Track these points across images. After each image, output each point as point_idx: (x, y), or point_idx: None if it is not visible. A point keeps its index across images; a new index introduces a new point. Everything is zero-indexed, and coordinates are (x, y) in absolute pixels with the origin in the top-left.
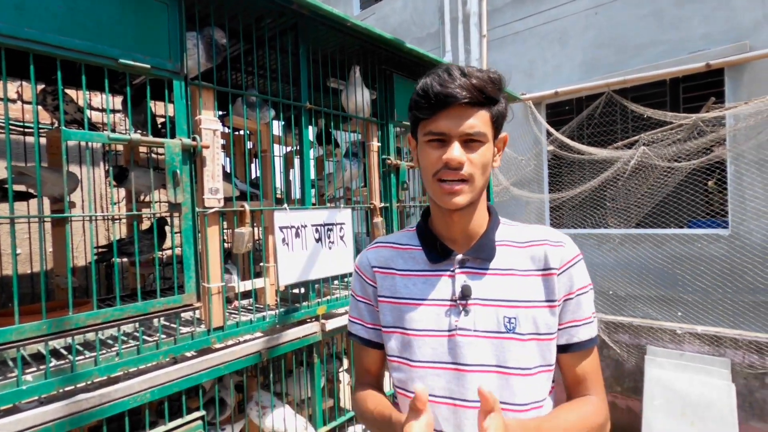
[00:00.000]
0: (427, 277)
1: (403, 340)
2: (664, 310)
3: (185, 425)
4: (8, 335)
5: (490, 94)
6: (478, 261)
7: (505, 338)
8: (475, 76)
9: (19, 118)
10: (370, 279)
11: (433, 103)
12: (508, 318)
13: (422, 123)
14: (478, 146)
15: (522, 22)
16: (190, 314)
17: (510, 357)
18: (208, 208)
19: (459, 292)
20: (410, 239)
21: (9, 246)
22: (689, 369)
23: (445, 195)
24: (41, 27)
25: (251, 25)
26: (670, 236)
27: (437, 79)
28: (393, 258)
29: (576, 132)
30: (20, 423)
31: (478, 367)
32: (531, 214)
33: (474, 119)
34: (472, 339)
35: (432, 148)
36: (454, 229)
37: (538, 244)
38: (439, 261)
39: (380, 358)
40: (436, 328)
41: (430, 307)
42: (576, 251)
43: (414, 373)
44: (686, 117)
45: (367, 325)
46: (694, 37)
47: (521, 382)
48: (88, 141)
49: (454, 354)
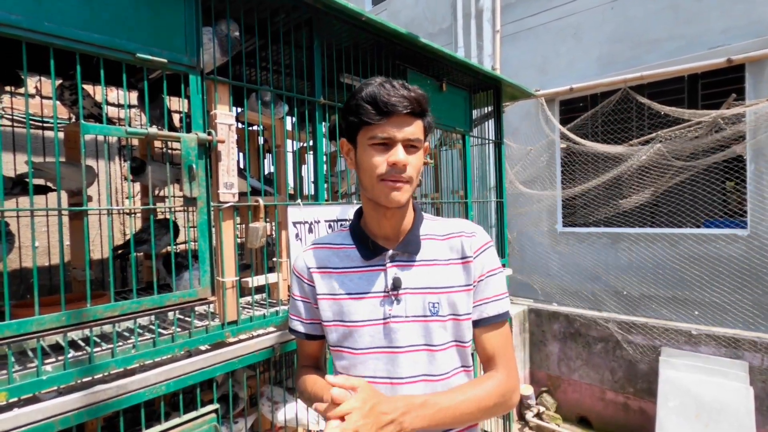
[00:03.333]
0: (362, 272)
1: (344, 332)
2: (679, 312)
3: (199, 418)
4: (29, 326)
5: (424, 106)
6: (407, 255)
7: (430, 321)
8: (414, 90)
9: (38, 113)
10: (307, 279)
11: (382, 110)
12: (432, 303)
13: (366, 128)
14: (415, 151)
15: (535, 17)
16: (204, 308)
17: (434, 336)
18: (223, 202)
19: (391, 284)
20: (344, 239)
21: (28, 239)
22: (705, 371)
23: (389, 192)
24: (61, 21)
25: (266, 20)
26: (686, 236)
27: (383, 89)
28: (329, 257)
29: (590, 129)
30: (40, 412)
31: (410, 347)
32: (543, 212)
33: (413, 127)
34: (403, 324)
35: (377, 152)
36: (386, 227)
37: (456, 235)
38: (372, 257)
39: (318, 346)
40: (373, 317)
41: (367, 300)
42: (486, 239)
43: (356, 360)
44: (705, 114)
45: (305, 321)
46: (714, 32)
47: (441, 355)
48: (106, 135)
49: (389, 339)
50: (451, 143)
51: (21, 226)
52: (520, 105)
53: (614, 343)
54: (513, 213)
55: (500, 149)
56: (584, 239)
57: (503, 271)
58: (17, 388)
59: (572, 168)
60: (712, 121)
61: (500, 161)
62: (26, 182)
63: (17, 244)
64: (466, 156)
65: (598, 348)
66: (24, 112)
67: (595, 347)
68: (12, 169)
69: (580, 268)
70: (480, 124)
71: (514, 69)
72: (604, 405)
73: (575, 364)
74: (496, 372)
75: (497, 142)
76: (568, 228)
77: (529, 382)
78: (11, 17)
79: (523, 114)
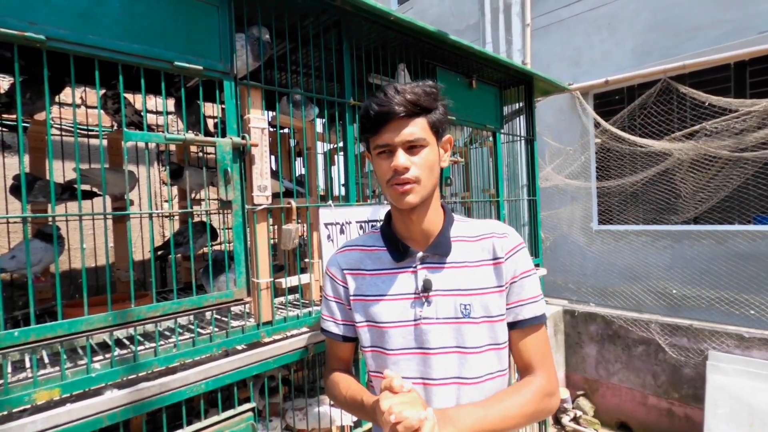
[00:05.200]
0: (393, 274)
1: (376, 332)
2: (727, 313)
3: (237, 416)
4: (79, 325)
5: (425, 104)
6: (437, 257)
7: (462, 323)
8: (409, 91)
9: (83, 122)
10: (341, 280)
11: (376, 120)
12: (464, 305)
13: (371, 139)
14: (420, 150)
15: (567, 9)
16: (240, 308)
17: (467, 338)
18: (257, 205)
19: (421, 285)
20: (375, 241)
21: (76, 241)
22: (759, 377)
23: (399, 196)
24: (104, 33)
25: (296, 24)
26: (734, 233)
27: (376, 100)
28: (362, 259)
29: (628, 122)
30: (90, 408)
31: (441, 349)
32: (577, 209)
33: (411, 127)
34: (434, 326)
35: (382, 159)
36: (413, 229)
37: (487, 236)
38: (402, 259)
39: (350, 349)
40: (404, 319)
41: (398, 301)
42: (518, 240)
43: (389, 360)
44: (755, 103)
45: (338, 322)
46: (763, 14)
47: (475, 358)
48: (147, 141)
49: (420, 340)
50: (482, 141)
51: (70, 230)
52: (552, 101)
53: (656, 346)
54: (546, 212)
55: (533, 146)
56: (621, 237)
57: (536, 273)
58: (69, 384)
59: (607, 164)
60: (763, 110)
61: (533, 158)
62: (74, 188)
63: (66, 247)
64: (498, 153)
65: (639, 351)
66: (71, 122)
67: (635, 350)
68: (61, 176)
69: (618, 267)
70: (511, 120)
71: (545, 63)
72: (646, 410)
73: (614, 368)
74: (534, 377)
75: (529, 138)
76: (603, 226)
77: (564, 386)
78: (59, 32)
79: (555, 110)
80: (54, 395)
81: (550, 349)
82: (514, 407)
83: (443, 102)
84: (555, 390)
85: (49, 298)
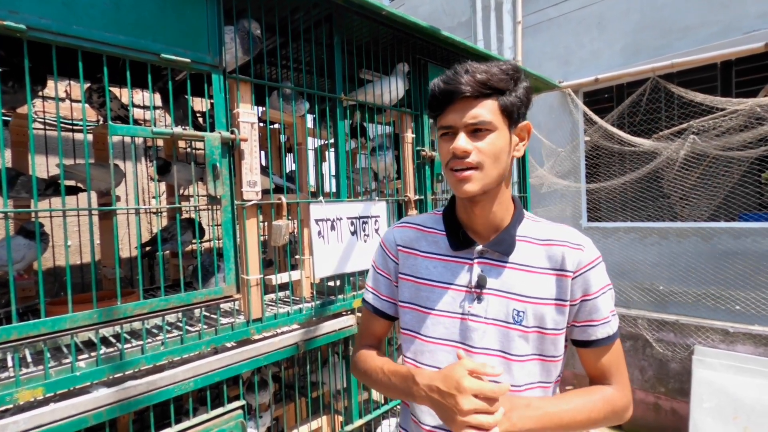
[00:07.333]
0: (448, 262)
1: (418, 317)
2: (713, 309)
3: (226, 414)
4: (63, 323)
5: (495, 85)
6: (497, 254)
7: (511, 328)
8: (481, 70)
9: (68, 116)
10: (393, 255)
11: (440, 100)
12: (518, 311)
13: (437, 120)
14: (486, 134)
15: (556, 7)
16: (229, 305)
17: (513, 345)
18: (246, 200)
19: (475, 281)
20: (435, 223)
21: (60, 238)
22: (743, 371)
23: (456, 183)
24: (88, 24)
25: (286, 18)
26: (719, 230)
27: (444, 78)
28: (417, 239)
29: (617, 121)
30: (75, 407)
31: (484, 350)
32: (567, 206)
33: (478, 109)
34: (481, 325)
35: (444, 141)
36: (476, 221)
37: (558, 244)
38: (460, 249)
39: (387, 326)
40: (451, 310)
41: (447, 291)
42: (596, 254)
43: (426, 348)
44: (741, 102)
45: (381, 296)
46: (749, 16)
47: (518, 366)
48: (133, 136)
49: (464, 335)
50: None
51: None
52: (542, 99)
53: (644, 341)
54: (536, 209)
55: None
56: (610, 234)
57: (611, 288)
58: (53, 383)
59: (597, 162)
60: (749, 109)
61: (524, 156)
62: (58, 183)
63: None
64: None
65: (627, 346)
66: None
67: (623, 345)
68: (45, 171)
69: (606, 264)
70: None
71: (536, 61)
72: (633, 404)
73: None
74: (606, 387)
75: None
76: (593, 223)
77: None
78: (41, 21)
79: (546, 109)
80: (37, 394)
81: (624, 363)
82: (581, 408)
83: (525, 85)
84: (629, 404)
85: (32, 296)
